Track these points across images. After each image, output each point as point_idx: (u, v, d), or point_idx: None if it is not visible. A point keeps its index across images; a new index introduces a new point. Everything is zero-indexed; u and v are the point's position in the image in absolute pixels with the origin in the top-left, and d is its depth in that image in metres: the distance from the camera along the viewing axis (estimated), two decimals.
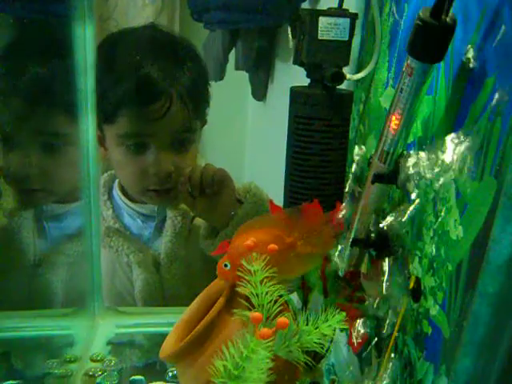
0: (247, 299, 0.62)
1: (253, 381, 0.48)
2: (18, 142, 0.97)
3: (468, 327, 0.42)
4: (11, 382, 0.72)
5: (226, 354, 0.47)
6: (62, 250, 1.02)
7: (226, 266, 0.61)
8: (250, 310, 0.52)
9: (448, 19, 0.48)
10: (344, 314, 0.54)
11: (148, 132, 0.99)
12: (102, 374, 0.75)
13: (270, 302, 0.51)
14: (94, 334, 0.86)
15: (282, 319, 0.49)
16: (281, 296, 0.53)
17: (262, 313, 0.51)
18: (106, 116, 0.97)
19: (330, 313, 0.53)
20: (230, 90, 1.61)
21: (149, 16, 1.80)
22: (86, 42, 0.82)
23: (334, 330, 0.55)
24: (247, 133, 1.98)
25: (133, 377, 0.75)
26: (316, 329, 0.52)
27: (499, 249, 0.38)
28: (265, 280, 0.51)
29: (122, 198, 1.09)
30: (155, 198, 1.05)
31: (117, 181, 1.11)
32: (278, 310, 0.52)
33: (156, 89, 0.97)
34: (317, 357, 0.66)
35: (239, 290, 0.54)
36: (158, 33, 1.07)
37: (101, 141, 1.00)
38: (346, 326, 0.54)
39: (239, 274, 0.53)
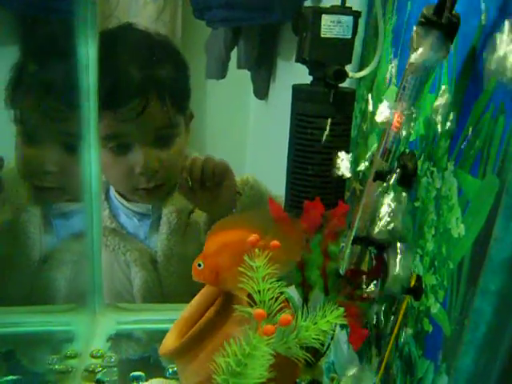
0: (248, 296, 0.62)
1: (254, 377, 0.48)
2: (40, 139, 0.97)
3: (469, 325, 0.42)
4: (11, 377, 0.73)
5: (228, 351, 0.47)
6: (68, 248, 1.02)
7: (199, 265, 0.61)
8: (251, 306, 0.52)
9: (451, 17, 0.48)
10: (342, 309, 0.54)
11: (128, 132, 0.99)
12: (102, 370, 0.75)
13: (272, 298, 0.51)
14: (95, 330, 0.86)
15: (284, 316, 0.49)
16: (281, 293, 0.53)
17: (264, 309, 0.51)
18: None
19: (328, 308, 0.53)
20: (231, 88, 1.61)
21: (151, 14, 1.80)
22: (88, 40, 0.82)
23: (335, 327, 0.54)
24: (249, 131, 1.98)
25: (133, 373, 0.75)
26: (314, 324, 0.52)
27: (501, 246, 0.38)
28: (267, 276, 0.51)
29: (118, 198, 1.09)
30: (145, 197, 1.05)
31: None
32: (279, 306, 0.52)
33: (132, 88, 0.97)
34: (317, 355, 0.66)
35: (241, 286, 0.54)
36: (135, 32, 1.07)
37: None
38: (344, 322, 0.53)
39: (241, 269, 0.52)
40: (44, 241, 1.01)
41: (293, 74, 0.78)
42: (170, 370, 0.75)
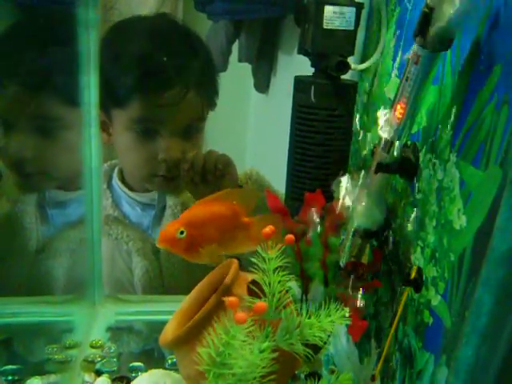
0: (249, 287, 0.62)
1: (238, 368, 0.48)
2: (15, 126, 0.97)
3: (470, 316, 0.42)
4: (11, 366, 0.73)
5: (209, 342, 0.47)
6: (65, 237, 1.02)
7: (182, 233, 0.58)
8: (258, 297, 0.52)
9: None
10: (347, 309, 0.54)
11: (161, 118, 1.00)
12: (102, 360, 0.75)
13: (281, 291, 0.51)
14: (94, 320, 0.86)
15: (259, 304, 0.48)
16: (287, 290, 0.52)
17: (272, 301, 0.51)
18: (117, 100, 0.97)
19: (332, 308, 0.53)
20: (232, 81, 1.60)
21: (152, 6, 1.79)
22: (89, 28, 0.81)
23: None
24: (250, 125, 1.97)
25: (132, 363, 0.75)
26: (318, 322, 0.52)
27: (504, 237, 0.38)
28: (278, 269, 0.51)
29: (122, 186, 1.09)
30: (161, 184, 1.05)
31: (116, 170, 1.10)
32: (288, 300, 0.52)
33: (172, 75, 0.98)
34: (316, 348, 0.66)
35: (253, 275, 0.53)
36: (171, 22, 1.09)
37: (104, 126, 1.00)
38: (347, 322, 0.53)
39: (254, 260, 0.51)
40: (40, 230, 1.01)
41: (294, 67, 0.78)
42: (170, 361, 0.75)
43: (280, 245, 0.52)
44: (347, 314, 0.53)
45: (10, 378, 0.72)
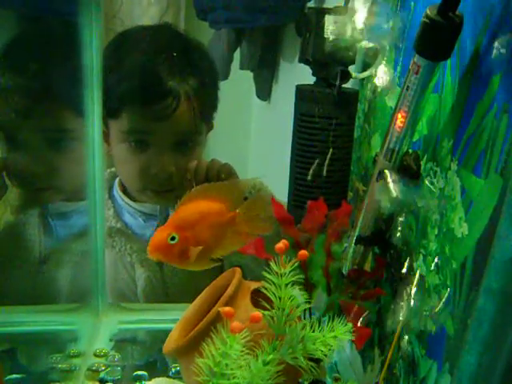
0: (252, 296, 0.62)
1: (236, 378, 0.48)
2: (23, 141, 0.97)
3: (472, 324, 0.42)
4: (16, 375, 0.73)
5: (207, 352, 0.48)
6: (68, 248, 1.02)
7: (173, 239, 0.56)
8: (264, 308, 0.52)
9: (455, 17, 0.48)
10: (350, 325, 0.54)
11: (152, 130, 0.99)
12: (106, 369, 0.75)
13: (292, 307, 0.51)
14: (98, 329, 0.86)
15: (255, 314, 0.49)
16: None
17: (282, 315, 0.51)
18: (111, 111, 0.97)
19: (337, 323, 0.53)
20: (234, 89, 1.61)
21: (154, 15, 1.80)
22: (92, 39, 0.82)
23: None
24: (251, 132, 1.98)
25: (136, 372, 0.75)
26: (322, 337, 0.52)
27: (505, 245, 0.38)
28: (290, 284, 0.51)
29: (123, 196, 1.08)
30: (154, 198, 1.05)
31: (117, 179, 1.10)
32: (297, 316, 0.52)
33: (164, 88, 0.97)
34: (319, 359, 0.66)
35: (256, 284, 0.53)
36: (172, 33, 1.08)
37: (105, 136, 1.00)
38: (351, 337, 0.53)
39: (265, 274, 0.50)
40: (43, 241, 1.01)
41: (295, 75, 0.78)
42: (173, 370, 0.75)
43: (295, 260, 0.51)
44: (351, 329, 0.53)
45: None
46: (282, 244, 0.51)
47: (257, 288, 0.60)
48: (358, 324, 0.61)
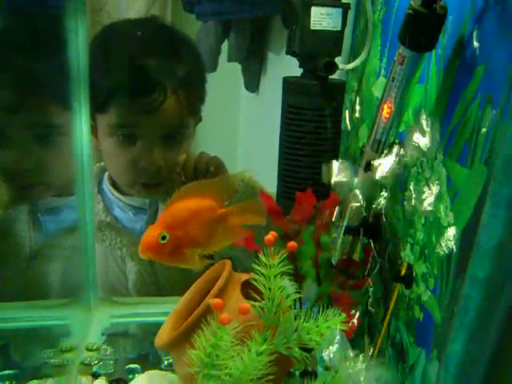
0: (243, 288, 0.63)
1: (227, 368, 0.48)
2: (11, 137, 0.96)
3: (459, 311, 0.43)
4: (8, 372, 0.73)
5: (198, 344, 0.48)
6: (58, 243, 1.02)
7: (163, 238, 0.55)
8: (252, 300, 0.53)
9: (439, 8, 0.48)
10: (344, 315, 0.54)
11: (139, 124, 0.98)
12: (98, 363, 0.75)
13: (282, 297, 0.51)
14: (90, 324, 0.86)
15: (243, 305, 0.49)
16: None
17: (272, 306, 0.51)
18: (97, 105, 0.96)
19: (330, 313, 0.54)
20: (222, 81, 1.60)
21: (140, 8, 1.79)
22: (78, 32, 0.81)
23: None
24: (240, 125, 1.98)
25: (128, 365, 0.75)
26: (316, 327, 0.53)
27: (489, 233, 0.39)
28: (279, 275, 0.51)
29: (112, 190, 1.08)
30: (143, 192, 1.04)
31: (106, 173, 1.10)
32: (287, 306, 0.52)
33: (151, 81, 0.96)
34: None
35: (247, 276, 0.54)
36: (158, 25, 1.07)
37: (93, 130, 1.00)
38: (344, 327, 0.54)
39: (254, 265, 0.51)
40: (33, 237, 1.00)
41: (284, 66, 0.78)
42: (166, 362, 0.76)
43: (283, 251, 0.52)
44: (344, 319, 0.54)
45: (7, 383, 0.72)
46: (271, 236, 0.51)
47: (247, 279, 0.61)
48: (356, 317, 0.61)
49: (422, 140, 0.52)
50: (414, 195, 0.57)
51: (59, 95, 0.88)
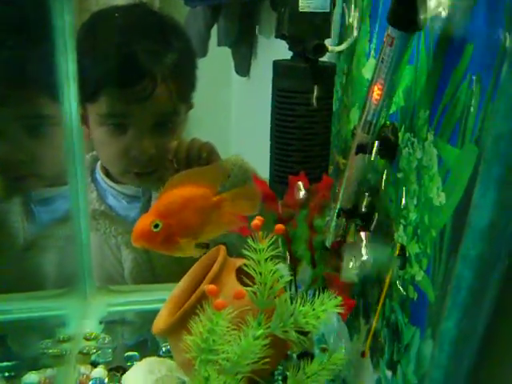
0: (237, 274, 0.63)
1: (224, 353, 0.49)
2: (1, 129, 0.95)
3: (451, 291, 0.43)
4: (7, 363, 0.73)
5: (195, 330, 0.48)
6: (52, 233, 1.02)
7: (156, 226, 0.56)
8: (247, 285, 0.53)
9: None
10: (340, 298, 0.55)
11: (130, 113, 0.98)
12: (97, 351, 0.76)
13: (273, 281, 0.52)
14: (87, 313, 0.86)
15: (238, 291, 0.49)
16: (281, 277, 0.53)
17: (264, 290, 0.52)
18: (88, 95, 0.95)
19: (326, 297, 0.54)
20: (213, 66, 1.59)
21: None
22: (65, 20, 0.80)
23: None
24: (232, 109, 1.97)
25: (127, 353, 0.76)
26: (313, 311, 0.53)
27: (480, 213, 0.39)
28: (270, 259, 0.52)
29: (105, 179, 1.08)
30: (136, 181, 1.04)
31: (99, 162, 1.10)
32: (279, 289, 0.52)
33: (140, 69, 0.95)
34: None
35: (242, 261, 0.54)
36: (147, 12, 1.05)
37: (84, 119, 0.99)
38: (341, 310, 0.54)
39: (244, 251, 0.51)
40: (26, 228, 1.00)
41: (274, 49, 0.78)
42: (164, 349, 0.76)
43: (271, 235, 0.52)
44: (340, 302, 0.54)
45: (6, 374, 0.72)
46: (257, 220, 0.52)
47: (241, 265, 0.61)
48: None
49: None
50: (405, 176, 0.57)
51: (48, 86, 0.87)
